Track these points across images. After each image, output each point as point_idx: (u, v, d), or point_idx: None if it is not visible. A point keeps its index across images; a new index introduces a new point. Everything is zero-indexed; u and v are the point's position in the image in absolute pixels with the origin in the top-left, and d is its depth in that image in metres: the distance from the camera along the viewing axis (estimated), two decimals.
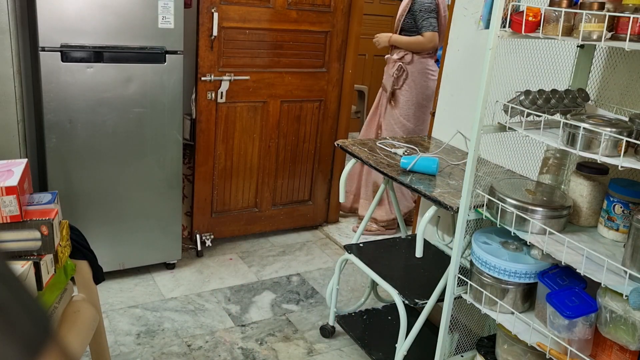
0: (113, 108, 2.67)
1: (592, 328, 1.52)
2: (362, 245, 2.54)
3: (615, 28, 1.46)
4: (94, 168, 2.70)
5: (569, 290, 1.58)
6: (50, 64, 2.50)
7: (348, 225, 3.84)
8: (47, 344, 0.42)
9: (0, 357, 0.38)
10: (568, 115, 1.64)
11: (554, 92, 1.74)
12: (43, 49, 2.47)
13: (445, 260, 2.20)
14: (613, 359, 1.51)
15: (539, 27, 1.59)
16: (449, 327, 1.99)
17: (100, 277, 2.00)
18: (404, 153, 2.32)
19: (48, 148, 2.59)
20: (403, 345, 2.18)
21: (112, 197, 2.78)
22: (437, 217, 2.57)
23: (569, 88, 1.84)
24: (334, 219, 3.85)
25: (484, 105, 1.68)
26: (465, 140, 2.45)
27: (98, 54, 2.57)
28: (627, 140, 1.42)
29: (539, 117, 1.65)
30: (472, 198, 1.79)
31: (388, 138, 2.57)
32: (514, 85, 1.81)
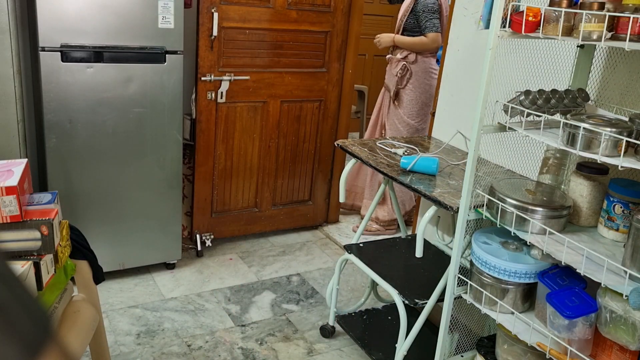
0: (113, 108, 2.67)
1: (592, 328, 1.52)
2: (362, 245, 2.54)
3: (615, 28, 1.46)
4: (94, 168, 2.70)
5: (569, 290, 1.58)
6: (50, 64, 2.50)
7: (348, 225, 3.84)
8: (47, 344, 0.42)
9: (1, 357, 0.38)
10: (568, 115, 1.64)
11: (554, 92, 1.74)
12: (43, 49, 2.47)
13: (445, 260, 2.20)
14: (613, 359, 1.51)
15: (539, 27, 1.59)
16: (449, 327, 1.99)
17: (100, 277, 2.00)
18: (404, 153, 2.32)
19: (48, 148, 2.59)
20: (403, 345, 2.18)
21: (112, 197, 2.78)
22: (437, 217, 2.57)
23: (569, 88, 1.84)
24: (334, 219, 3.85)
25: (484, 105, 1.69)
26: (465, 140, 2.45)
27: (98, 54, 2.57)
28: (627, 140, 1.42)
29: (539, 117, 1.65)
30: (472, 198, 1.79)
31: (388, 138, 2.57)
32: (514, 85, 1.81)
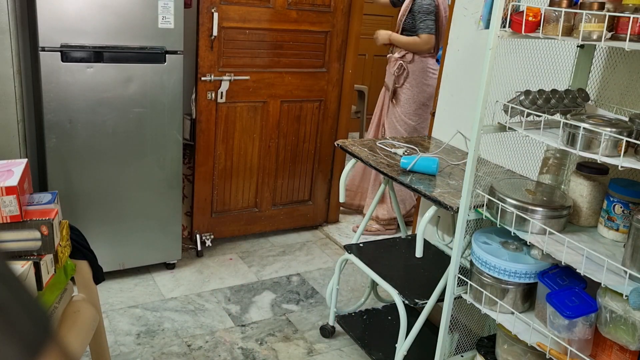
0: (113, 108, 2.67)
1: (592, 328, 1.52)
2: (362, 245, 2.54)
3: (615, 28, 1.46)
4: (94, 168, 2.70)
5: (569, 290, 1.58)
6: (50, 64, 2.50)
7: (348, 225, 3.84)
8: (47, 344, 0.42)
9: (1, 357, 0.38)
10: (568, 115, 1.64)
11: (554, 92, 1.74)
12: (43, 49, 2.47)
13: (445, 260, 2.20)
14: (613, 359, 1.51)
15: (539, 27, 1.59)
16: (449, 327, 1.99)
17: (100, 277, 2.00)
18: (404, 153, 2.32)
19: (48, 148, 2.59)
20: (403, 345, 2.18)
21: (112, 197, 2.78)
22: (437, 217, 2.57)
23: (569, 88, 1.84)
24: (334, 219, 3.85)
25: (484, 105, 1.68)
26: (465, 140, 2.45)
27: (98, 54, 2.57)
28: (627, 140, 1.42)
29: (539, 117, 1.65)
30: (472, 198, 1.79)
31: (388, 138, 2.57)
32: (514, 85, 1.81)
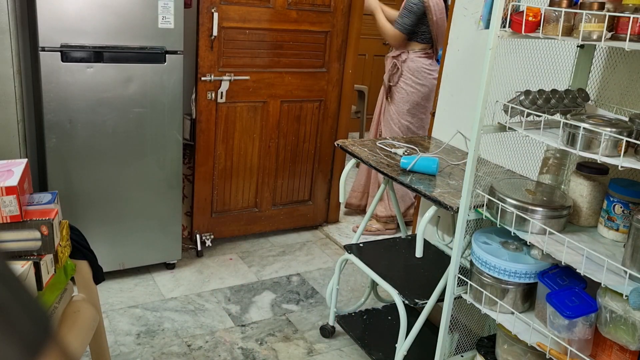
0: (113, 108, 2.67)
1: (592, 328, 1.52)
2: (362, 245, 2.54)
3: (615, 28, 1.46)
4: (94, 168, 2.70)
5: (569, 290, 1.58)
6: (50, 64, 2.50)
7: (348, 225, 3.84)
8: (47, 344, 0.42)
9: (1, 357, 0.38)
10: (568, 115, 1.64)
11: (554, 92, 1.74)
12: (43, 49, 2.47)
13: (445, 260, 2.20)
14: (613, 359, 1.51)
15: (539, 27, 1.59)
16: (449, 327, 1.99)
17: (100, 277, 2.00)
18: (404, 153, 2.32)
19: (48, 148, 2.59)
20: (403, 345, 2.18)
21: (112, 197, 2.78)
22: (437, 217, 2.57)
23: (569, 88, 1.84)
24: (334, 219, 3.85)
25: (484, 105, 1.68)
26: (465, 140, 2.45)
27: (98, 54, 2.57)
28: (627, 140, 1.42)
29: (539, 117, 1.65)
30: (472, 198, 1.79)
31: (388, 138, 2.57)
32: (514, 85, 1.81)
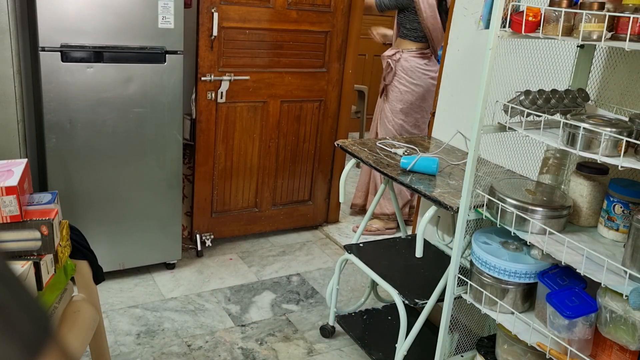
0: (113, 108, 2.67)
1: (592, 328, 1.52)
2: (362, 245, 2.54)
3: (615, 28, 1.46)
4: (94, 168, 2.70)
5: (569, 290, 1.58)
6: (50, 64, 2.50)
7: (348, 225, 3.84)
8: (47, 344, 0.42)
9: (1, 357, 0.38)
10: (568, 115, 1.64)
11: (554, 92, 1.74)
12: (43, 49, 2.47)
13: (445, 260, 2.20)
14: (613, 359, 1.51)
15: (539, 27, 1.59)
16: (449, 327, 1.99)
17: (100, 277, 2.00)
18: (404, 153, 2.32)
19: (48, 148, 2.59)
20: (403, 345, 2.18)
21: (112, 197, 2.78)
22: (437, 217, 2.57)
23: (569, 88, 1.84)
24: (334, 219, 3.85)
25: (484, 105, 1.68)
26: (465, 140, 2.45)
27: (98, 54, 2.57)
28: (627, 140, 1.41)
29: (539, 117, 1.65)
30: (472, 198, 1.79)
31: (388, 138, 2.57)
32: (514, 85, 1.81)
